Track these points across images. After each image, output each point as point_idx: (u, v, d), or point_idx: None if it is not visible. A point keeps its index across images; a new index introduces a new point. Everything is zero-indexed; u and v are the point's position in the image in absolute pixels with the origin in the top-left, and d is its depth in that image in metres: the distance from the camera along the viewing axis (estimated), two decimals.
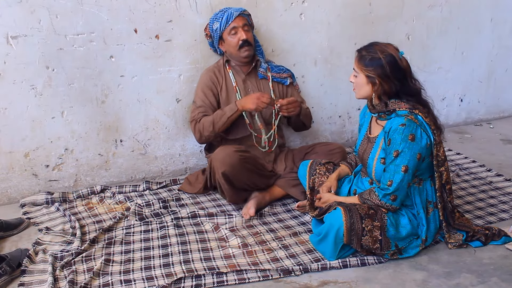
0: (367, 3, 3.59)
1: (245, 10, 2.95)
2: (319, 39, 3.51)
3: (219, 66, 3.03)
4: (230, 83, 2.99)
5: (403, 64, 2.28)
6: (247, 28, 2.92)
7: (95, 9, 2.87)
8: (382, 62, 2.24)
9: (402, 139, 2.23)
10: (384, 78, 2.25)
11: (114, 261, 2.36)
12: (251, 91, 2.99)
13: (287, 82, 3.09)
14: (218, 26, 2.90)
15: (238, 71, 3.01)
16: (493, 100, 4.43)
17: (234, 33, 2.89)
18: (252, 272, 2.26)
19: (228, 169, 2.68)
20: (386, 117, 2.34)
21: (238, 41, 2.88)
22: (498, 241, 2.45)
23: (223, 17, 2.88)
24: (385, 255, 2.33)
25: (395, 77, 2.25)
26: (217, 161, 2.73)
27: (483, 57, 4.24)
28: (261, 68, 3.03)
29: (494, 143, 3.92)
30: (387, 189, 2.27)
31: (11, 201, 2.99)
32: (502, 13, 4.16)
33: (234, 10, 2.90)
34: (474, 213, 2.78)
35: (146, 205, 2.89)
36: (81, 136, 3.05)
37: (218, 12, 2.94)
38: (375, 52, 2.27)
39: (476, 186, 3.12)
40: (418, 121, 2.26)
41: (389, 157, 2.27)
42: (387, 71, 2.24)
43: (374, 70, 2.25)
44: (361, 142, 2.53)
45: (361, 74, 2.31)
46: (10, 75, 2.79)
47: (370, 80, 2.29)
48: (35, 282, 2.21)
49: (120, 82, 3.05)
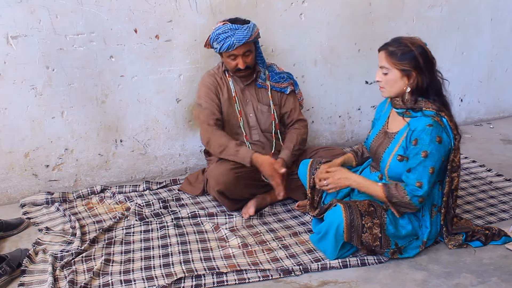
0: (367, 3, 3.59)
1: (250, 36, 2.70)
2: (319, 39, 3.51)
3: (220, 73, 2.93)
4: (230, 91, 2.92)
5: (431, 55, 2.26)
6: (248, 53, 2.77)
7: (95, 9, 2.87)
8: (415, 54, 2.20)
9: (430, 140, 2.19)
10: (418, 70, 2.21)
11: (114, 261, 2.36)
12: (249, 102, 2.93)
13: (287, 91, 2.98)
14: (218, 48, 2.75)
15: (237, 80, 2.92)
16: (493, 100, 4.43)
17: (233, 59, 2.77)
18: (252, 272, 2.26)
19: (223, 187, 2.69)
20: (411, 114, 2.29)
21: (235, 66, 2.79)
22: (498, 241, 2.45)
23: (224, 44, 2.69)
24: (385, 253, 2.33)
25: (427, 68, 2.22)
26: (212, 179, 2.75)
27: (483, 57, 4.23)
28: (260, 79, 2.94)
29: (494, 143, 3.92)
30: (418, 190, 2.20)
31: (11, 201, 2.99)
32: (502, 13, 4.16)
33: (237, 39, 2.67)
34: (474, 213, 2.78)
35: (146, 205, 2.89)
36: (81, 136, 3.05)
37: (222, 32, 2.70)
38: (405, 45, 2.23)
39: (476, 186, 3.12)
40: (443, 124, 2.24)
41: (417, 158, 2.21)
42: (421, 62, 2.20)
43: (408, 63, 2.20)
44: (375, 136, 2.48)
45: (394, 70, 2.24)
46: (10, 75, 2.79)
47: (405, 74, 2.23)
48: (35, 282, 2.21)
49: (120, 82, 3.05)
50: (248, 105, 2.93)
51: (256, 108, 2.93)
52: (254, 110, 2.93)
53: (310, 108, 3.59)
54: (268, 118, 2.94)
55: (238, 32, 2.68)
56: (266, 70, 2.96)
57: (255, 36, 2.76)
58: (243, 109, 2.93)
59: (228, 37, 2.68)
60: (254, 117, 2.93)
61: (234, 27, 2.69)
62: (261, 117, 2.94)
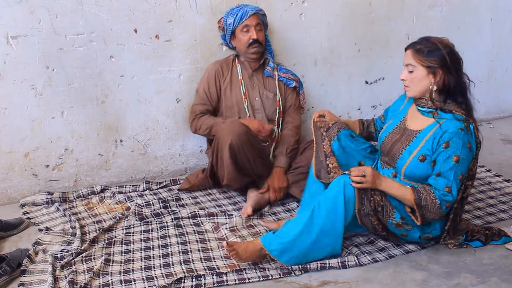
0: (367, 3, 3.59)
1: (260, 9, 2.97)
2: (319, 39, 3.51)
3: (228, 60, 3.09)
4: (236, 75, 3.04)
5: (459, 56, 2.24)
6: (259, 27, 2.94)
7: (95, 9, 2.87)
8: (443, 52, 2.19)
9: (463, 145, 2.14)
10: (445, 68, 2.19)
11: (114, 261, 2.36)
12: (256, 87, 3.04)
13: (292, 84, 3.08)
14: (231, 22, 2.92)
15: (246, 67, 3.05)
16: (493, 100, 4.42)
17: (246, 31, 2.91)
18: (252, 272, 2.26)
19: (235, 138, 2.67)
20: (440, 115, 2.25)
21: (248, 39, 2.91)
22: (498, 241, 2.45)
23: (238, 13, 2.90)
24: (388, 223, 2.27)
25: (454, 68, 2.20)
26: (224, 131, 2.73)
27: (483, 57, 4.23)
28: (269, 67, 3.06)
29: (494, 143, 3.92)
30: (447, 196, 2.16)
31: (11, 201, 2.99)
32: (502, 13, 4.16)
33: (249, 8, 2.92)
34: (473, 213, 2.78)
35: (146, 205, 2.89)
36: (81, 136, 3.05)
37: (234, 7, 2.95)
38: (432, 43, 2.22)
39: (475, 186, 3.12)
40: (470, 131, 2.21)
41: (448, 162, 2.16)
42: (448, 61, 2.18)
43: (435, 60, 2.19)
44: (391, 131, 2.41)
45: (420, 67, 2.21)
46: (10, 75, 2.79)
47: (431, 71, 2.20)
48: (35, 282, 2.21)
49: (120, 82, 3.05)
50: (254, 89, 3.05)
51: (262, 93, 3.05)
52: (260, 95, 3.04)
53: (310, 108, 3.59)
54: (273, 104, 3.04)
55: (248, 5, 2.97)
56: (274, 64, 3.09)
57: (264, 16, 2.99)
58: (248, 93, 3.03)
59: (241, 9, 2.92)
60: (259, 100, 3.04)
61: (244, 4, 2.98)
62: (266, 102, 3.04)
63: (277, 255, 2.24)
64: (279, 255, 2.24)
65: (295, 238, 2.22)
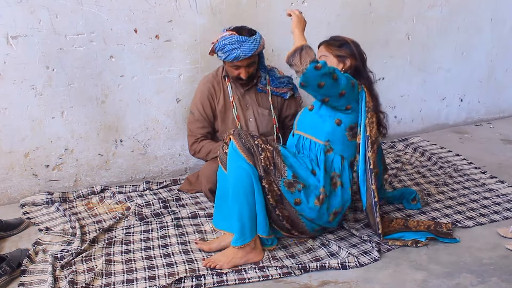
0: (367, 3, 3.59)
1: (256, 50, 2.68)
2: (319, 39, 3.50)
3: (218, 77, 2.93)
4: (227, 97, 2.91)
5: (363, 51, 2.58)
6: (252, 64, 2.77)
7: (95, 9, 2.87)
8: (351, 46, 2.56)
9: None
10: (353, 57, 2.53)
11: (116, 261, 2.36)
12: (249, 107, 2.92)
13: (286, 96, 2.98)
14: (222, 57, 2.72)
15: (237, 85, 2.92)
16: (493, 100, 4.43)
17: (236, 68, 2.76)
18: (252, 272, 2.26)
19: (214, 187, 2.65)
20: None
21: (237, 75, 2.79)
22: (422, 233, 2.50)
23: (230, 55, 2.65)
24: (281, 184, 2.33)
25: (361, 59, 2.55)
26: (203, 177, 2.81)
27: (483, 57, 4.24)
28: (261, 84, 2.94)
29: (494, 143, 3.92)
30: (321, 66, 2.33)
31: (11, 201, 2.99)
32: (502, 13, 4.17)
33: (244, 52, 2.64)
34: (466, 214, 2.77)
35: (146, 205, 2.89)
36: (81, 136, 3.05)
37: (228, 43, 2.64)
38: (342, 39, 2.60)
39: (468, 187, 3.12)
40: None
41: None
42: (356, 53, 2.54)
43: (344, 50, 2.54)
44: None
45: (331, 57, 2.54)
46: (10, 75, 2.79)
47: (341, 60, 2.53)
48: (35, 282, 2.21)
49: (120, 82, 3.05)
50: (248, 110, 2.92)
51: (256, 112, 2.93)
52: (255, 114, 2.93)
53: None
54: (269, 121, 2.95)
55: (245, 45, 2.64)
56: (267, 75, 2.96)
57: (261, 49, 2.75)
58: (242, 114, 2.92)
59: (235, 49, 2.64)
60: (254, 122, 2.92)
61: (241, 39, 2.64)
62: (261, 121, 2.94)
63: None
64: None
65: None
